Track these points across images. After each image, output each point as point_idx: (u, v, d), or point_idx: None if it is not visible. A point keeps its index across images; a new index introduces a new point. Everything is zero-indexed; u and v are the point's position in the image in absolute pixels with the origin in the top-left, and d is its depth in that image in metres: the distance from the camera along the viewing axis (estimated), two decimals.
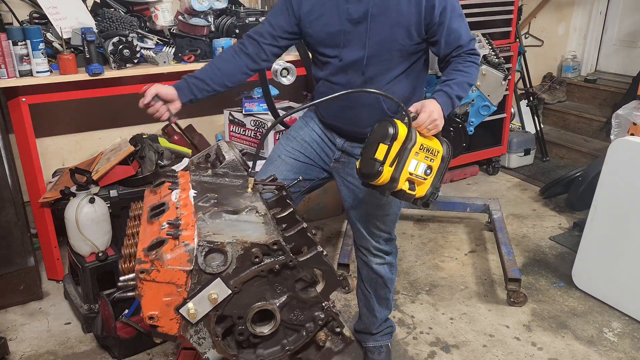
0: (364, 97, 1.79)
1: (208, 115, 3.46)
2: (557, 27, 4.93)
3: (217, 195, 1.33)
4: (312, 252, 1.16)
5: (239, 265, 1.11)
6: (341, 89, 1.75)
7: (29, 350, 2.32)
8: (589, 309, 2.58)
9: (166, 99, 1.69)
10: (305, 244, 1.23)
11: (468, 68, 1.73)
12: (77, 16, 2.64)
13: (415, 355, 2.30)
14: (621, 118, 3.45)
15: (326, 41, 1.78)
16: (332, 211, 3.52)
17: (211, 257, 1.10)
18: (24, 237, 2.57)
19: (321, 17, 1.76)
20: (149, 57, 2.70)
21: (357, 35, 1.72)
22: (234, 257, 1.10)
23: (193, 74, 1.78)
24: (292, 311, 1.19)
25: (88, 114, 3.10)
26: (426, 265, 2.97)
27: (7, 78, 2.37)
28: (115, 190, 2.68)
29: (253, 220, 1.20)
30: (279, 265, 1.12)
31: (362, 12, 1.69)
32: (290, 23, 1.82)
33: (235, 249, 1.10)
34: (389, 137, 1.46)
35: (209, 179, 1.45)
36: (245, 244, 1.10)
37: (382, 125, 1.50)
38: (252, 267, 1.12)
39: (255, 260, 1.11)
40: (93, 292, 2.41)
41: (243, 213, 1.22)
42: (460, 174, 4.09)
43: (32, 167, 2.58)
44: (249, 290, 1.15)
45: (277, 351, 1.22)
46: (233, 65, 1.82)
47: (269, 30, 1.83)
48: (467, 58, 1.74)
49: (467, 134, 2.56)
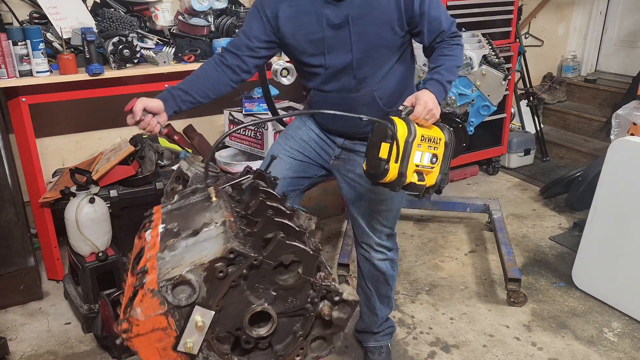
0: (360, 97, 1.79)
1: (208, 115, 3.46)
2: (557, 27, 4.93)
3: (181, 220, 1.32)
4: (274, 243, 1.13)
5: (209, 286, 1.11)
6: (336, 96, 1.80)
7: (29, 350, 2.32)
8: (589, 309, 2.58)
9: (154, 111, 1.68)
10: (281, 229, 1.21)
11: (453, 51, 1.77)
12: (77, 16, 2.64)
13: (415, 355, 2.30)
14: (621, 118, 3.45)
15: (309, 50, 1.77)
16: (332, 211, 3.52)
17: (179, 290, 1.11)
18: (24, 237, 2.57)
19: (301, 26, 1.74)
20: (149, 57, 2.70)
21: (341, 40, 1.72)
22: (199, 281, 1.11)
23: (177, 85, 1.77)
24: (285, 301, 1.18)
25: (88, 114, 3.10)
26: (426, 265, 2.97)
27: (7, 78, 2.37)
28: (115, 190, 2.68)
29: (212, 234, 1.19)
30: (245, 269, 1.12)
31: (342, 16, 1.69)
32: (267, 32, 1.79)
33: (197, 274, 1.10)
34: (389, 135, 1.48)
35: (178, 204, 1.43)
36: (204, 265, 1.10)
37: (380, 125, 1.51)
38: (221, 283, 1.12)
39: (220, 275, 1.10)
40: (93, 292, 2.41)
41: (202, 231, 1.21)
42: (460, 174, 4.09)
43: (32, 167, 2.58)
44: (231, 303, 1.15)
45: (291, 341, 1.21)
46: (215, 77, 1.81)
47: (245, 43, 1.81)
48: (451, 42, 1.77)
49: (467, 134, 2.56)
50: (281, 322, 1.20)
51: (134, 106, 1.64)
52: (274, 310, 1.18)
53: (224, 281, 1.11)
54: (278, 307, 1.18)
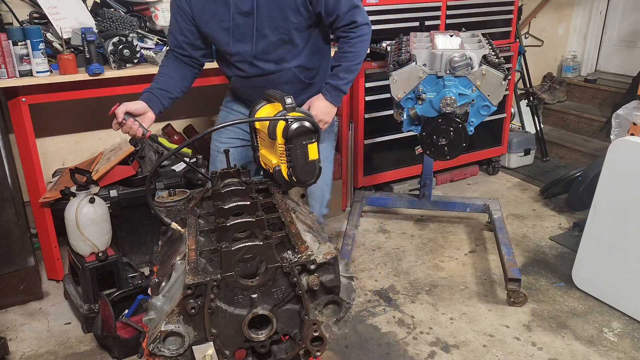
0: (282, 76, 1.89)
1: (208, 115, 3.46)
2: (557, 27, 4.93)
3: (161, 269, 1.34)
4: (220, 256, 1.13)
5: (192, 324, 1.13)
6: (258, 79, 1.89)
7: (29, 350, 2.32)
8: (589, 309, 2.58)
9: (137, 113, 1.74)
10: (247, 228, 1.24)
11: (353, 47, 1.83)
12: (77, 16, 2.65)
13: (415, 355, 2.30)
14: (621, 118, 3.45)
15: (224, 38, 1.84)
16: (332, 211, 3.52)
17: (169, 343, 1.13)
18: (24, 237, 2.57)
19: (213, 14, 1.81)
20: (149, 57, 2.70)
21: (251, 26, 1.79)
22: (181, 326, 1.12)
23: (153, 85, 1.86)
24: (270, 295, 1.17)
25: (88, 114, 3.10)
26: (426, 265, 2.97)
27: (7, 78, 2.37)
28: (115, 190, 2.68)
29: (179, 273, 1.20)
30: (212, 294, 1.12)
31: (249, 3, 1.76)
32: (190, 22, 1.87)
33: (174, 321, 1.12)
34: (309, 133, 1.45)
35: (162, 253, 1.45)
36: (175, 311, 1.11)
37: (300, 128, 1.45)
38: (199, 316, 1.13)
39: (192, 312, 1.11)
40: (93, 292, 2.41)
41: (172, 274, 1.22)
42: (460, 174, 4.09)
43: (32, 167, 2.58)
44: (223, 325, 1.16)
45: (300, 322, 1.22)
46: (180, 72, 1.92)
47: (183, 40, 1.91)
48: (352, 35, 1.83)
49: (467, 134, 2.56)
50: (281, 312, 1.20)
51: (115, 110, 1.69)
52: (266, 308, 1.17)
53: (200, 314, 1.12)
54: (268, 303, 1.18)
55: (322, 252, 1.18)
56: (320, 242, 1.24)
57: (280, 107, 1.46)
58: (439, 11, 3.48)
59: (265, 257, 1.16)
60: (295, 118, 1.41)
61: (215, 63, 2.80)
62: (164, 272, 1.28)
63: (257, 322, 1.19)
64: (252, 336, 1.17)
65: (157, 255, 1.47)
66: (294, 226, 1.27)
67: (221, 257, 1.13)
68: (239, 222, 1.22)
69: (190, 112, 3.40)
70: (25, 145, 2.55)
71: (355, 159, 3.53)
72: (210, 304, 1.12)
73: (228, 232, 1.21)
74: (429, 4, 3.43)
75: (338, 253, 1.21)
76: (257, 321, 1.19)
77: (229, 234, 1.21)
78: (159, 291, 1.20)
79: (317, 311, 1.21)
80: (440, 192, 3.87)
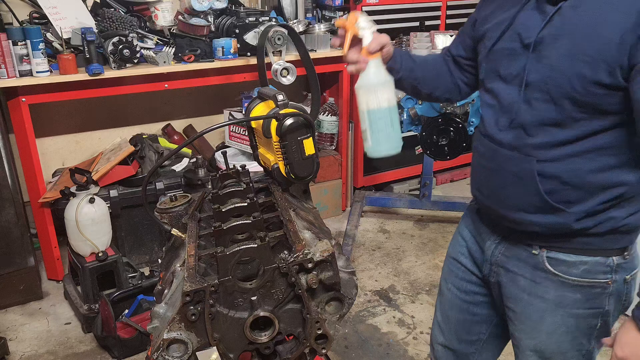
0: (511, 161, 1.18)
1: (208, 115, 3.46)
2: None
3: (165, 276, 1.34)
4: (217, 262, 1.13)
5: (194, 330, 1.13)
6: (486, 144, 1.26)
7: (29, 350, 2.32)
8: None
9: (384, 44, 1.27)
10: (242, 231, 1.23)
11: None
12: (77, 16, 2.64)
13: (415, 355, 2.29)
14: None
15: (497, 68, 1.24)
16: (332, 211, 3.52)
17: (173, 350, 1.13)
18: (24, 237, 2.57)
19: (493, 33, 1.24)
20: (149, 57, 2.70)
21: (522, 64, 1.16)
22: (183, 334, 1.13)
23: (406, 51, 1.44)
24: (270, 296, 1.17)
25: (88, 114, 3.10)
26: (426, 265, 2.97)
27: (7, 78, 2.37)
28: (115, 190, 2.68)
29: (180, 280, 1.20)
30: (210, 299, 1.12)
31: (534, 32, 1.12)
32: None
33: (176, 329, 1.12)
34: (304, 127, 1.40)
35: (166, 260, 1.45)
36: (176, 319, 1.12)
37: (294, 123, 1.40)
38: (200, 322, 1.13)
39: (193, 318, 1.12)
40: (93, 292, 2.41)
41: (173, 281, 1.22)
42: (460, 174, 4.09)
43: (32, 167, 2.58)
44: (225, 329, 1.16)
45: (302, 321, 1.22)
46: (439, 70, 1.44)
47: None
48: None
49: (467, 134, 2.56)
50: (283, 312, 1.20)
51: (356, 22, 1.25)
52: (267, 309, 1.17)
53: (201, 320, 1.12)
54: (269, 304, 1.18)
55: (320, 250, 1.17)
56: (320, 239, 1.24)
57: (273, 104, 1.46)
58: (439, 11, 3.48)
59: (262, 258, 1.16)
60: (288, 114, 1.41)
61: (215, 62, 2.83)
62: (167, 279, 1.28)
63: (261, 324, 1.19)
64: (255, 338, 1.18)
65: (162, 262, 1.47)
66: (292, 224, 1.27)
67: (217, 261, 1.13)
68: (235, 224, 1.22)
69: (190, 111, 3.40)
70: (25, 145, 2.55)
71: (355, 159, 3.53)
72: (210, 309, 1.12)
73: (226, 235, 1.21)
74: (429, 4, 3.44)
75: (337, 249, 1.21)
76: (261, 323, 1.19)
77: (227, 237, 1.22)
78: (161, 299, 1.20)
79: (319, 308, 1.21)
80: (440, 192, 3.87)
